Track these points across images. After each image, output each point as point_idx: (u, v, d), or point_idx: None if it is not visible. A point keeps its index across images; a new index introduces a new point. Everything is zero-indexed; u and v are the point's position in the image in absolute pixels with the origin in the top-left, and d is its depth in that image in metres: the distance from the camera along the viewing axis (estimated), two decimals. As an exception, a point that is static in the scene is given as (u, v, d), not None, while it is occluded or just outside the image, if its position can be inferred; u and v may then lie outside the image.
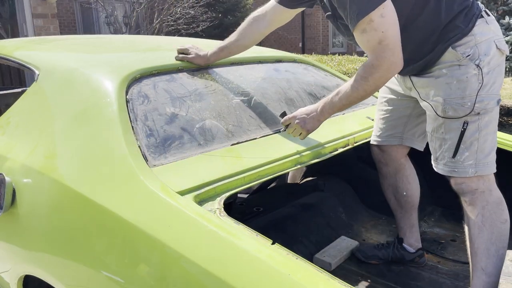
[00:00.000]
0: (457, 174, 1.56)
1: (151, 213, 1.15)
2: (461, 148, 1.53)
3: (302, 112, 1.60)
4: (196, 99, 1.64)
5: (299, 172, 2.71)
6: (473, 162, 1.54)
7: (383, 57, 1.41)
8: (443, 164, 1.60)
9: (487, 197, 1.55)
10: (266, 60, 2.20)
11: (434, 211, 2.43)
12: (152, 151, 1.34)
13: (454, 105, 1.51)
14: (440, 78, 1.53)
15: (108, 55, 1.94)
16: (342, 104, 1.54)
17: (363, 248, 2.04)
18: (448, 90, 1.51)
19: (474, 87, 1.49)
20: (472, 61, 1.48)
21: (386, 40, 1.39)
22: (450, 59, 1.50)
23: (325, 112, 1.57)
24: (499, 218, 1.54)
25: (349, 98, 1.52)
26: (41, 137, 1.50)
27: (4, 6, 7.99)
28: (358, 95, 1.50)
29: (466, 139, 1.52)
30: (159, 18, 9.48)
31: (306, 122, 1.58)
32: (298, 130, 1.59)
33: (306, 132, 1.59)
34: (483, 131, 1.53)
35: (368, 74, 1.45)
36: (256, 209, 2.17)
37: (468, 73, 1.48)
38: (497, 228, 1.53)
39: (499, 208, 1.55)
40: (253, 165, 1.41)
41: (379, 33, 1.39)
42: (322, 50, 15.15)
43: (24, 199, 1.42)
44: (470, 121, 1.51)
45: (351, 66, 5.89)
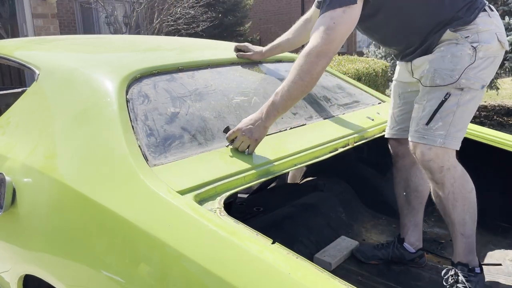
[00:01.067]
0: (426, 141, 1.63)
1: (151, 212, 1.15)
2: (436, 117, 1.61)
3: (246, 122, 1.52)
4: (196, 99, 1.64)
5: (299, 172, 2.71)
6: (444, 133, 1.61)
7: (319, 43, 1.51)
8: (414, 131, 1.67)
9: (453, 173, 1.64)
10: (266, 60, 2.20)
11: (434, 211, 2.43)
12: (153, 150, 1.34)
13: (443, 74, 1.60)
14: (437, 53, 1.64)
15: (108, 55, 1.95)
16: (285, 102, 1.52)
17: (363, 249, 2.04)
18: (441, 62, 1.61)
19: (464, 64, 1.58)
20: (468, 42, 1.58)
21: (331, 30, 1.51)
22: (448, 38, 1.62)
23: (271, 115, 1.52)
24: (466, 189, 1.67)
25: (290, 93, 1.52)
26: (41, 137, 1.50)
27: (4, 6, 7.99)
28: (298, 88, 1.52)
29: (443, 109, 1.60)
30: (159, 18, 9.48)
31: (252, 132, 1.49)
32: (246, 141, 1.49)
33: (255, 141, 1.51)
34: (461, 107, 1.60)
35: (302, 60, 1.52)
36: (256, 209, 2.17)
37: (463, 50, 1.59)
38: (467, 199, 1.67)
39: (464, 180, 1.67)
40: (253, 164, 1.41)
41: (330, 22, 1.51)
42: (322, 50, 15.12)
43: (24, 199, 1.42)
44: (452, 93, 1.59)
45: (351, 66, 5.89)
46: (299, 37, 2.06)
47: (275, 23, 16.85)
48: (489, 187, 1.98)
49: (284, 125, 1.77)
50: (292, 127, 1.78)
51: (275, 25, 16.87)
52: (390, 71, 7.13)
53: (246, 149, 1.50)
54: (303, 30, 2.03)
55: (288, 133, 1.72)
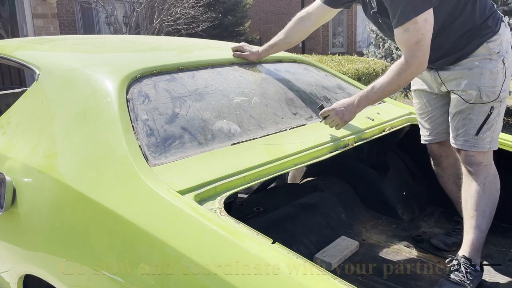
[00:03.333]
0: (477, 149, 1.82)
1: (151, 212, 1.15)
2: (484, 128, 1.80)
3: (340, 105, 1.79)
4: (197, 99, 1.64)
5: (299, 172, 2.71)
6: (490, 140, 1.82)
7: (417, 56, 1.65)
8: (464, 140, 1.84)
9: (489, 169, 1.83)
10: (266, 60, 2.20)
11: (434, 211, 2.43)
12: (153, 150, 1.34)
13: (488, 92, 1.76)
14: (474, 69, 1.76)
15: (108, 55, 1.95)
16: (377, 97, 1.77)
17: (442, 238, 2.11)
18: (482, 79, 1.75)
19: (500, 78, 1.76)
20: (500, 57, 1.75)
21: (422, 41, 1.63)
22: (483, 53, 1.75)
23: (361, 105, 1.79)
24: (495, 187, 1.84)
25: (383, 92, 1.75)
26: (41, 137, 1.50)
27: (4, 6, 7.98)
28: (392, 89, 1.74)
29: (489, 120, 1.80)
30: (159, 18, 9.48)
31: (344, 113, 1.77)
32: (336, 121, 1.78)
33: (344, 123, 1.79)
34: (500, 115, 1.82)
35: (402, 70, 1.68)
36: (256, 209, 2.17)
37: (498, 66, 1.75)
38: (493, 195, 1.83)
39: (496, 179, 1.84)
40: (253, 164, 1.41)
41: (419, 35, 1.62)
42: (322, 50, 15.15)
43: (24, 199, 1.42)
44: (495, 106, 1.78)
45: (351, 66, 5.88)
46: (295, 36, 2.08)
47: (275, 23, 16.85)
48: None
49: (284, 125, 1.77)
50: (292, 127, 1.78)
51: (275, 25, 16.86)
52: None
53: (334, 127, 1.79)
54: (300, 28, 2.06)
55: (288, 133, 1.72)
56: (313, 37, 15.74)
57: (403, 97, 7.30)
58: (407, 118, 2.25)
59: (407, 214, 2.36)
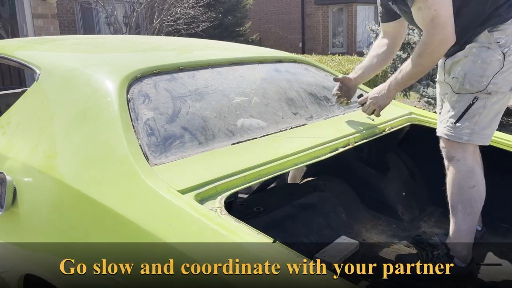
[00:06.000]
0: (453, 138, 1.76)
1: (152, 211, 1.15)
2: (464, 118, 1.72)
3: (374, 92, 1.91)
4: (197, 99, 1.65)
5: (299, 172, 2.71)
6: (469, 132, 1.72)
7: (434, 33, 1.60)
8: (444, 127, 1.79)
9: (460, 166, 1.76)
10: (267, 60, 2.20)
11: (434, 211, 2.43)
12: (153, 150, 1.34)
13: (473, 81, 1.67)
14: (469, 57, 1.69)
15: (108, 55, 1.95)
16: (405, 80, 1.78)
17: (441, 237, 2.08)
18: (472, 66, 1.68)
19: (494, 70, 1.65)
20: (500, 48, 1.64)
21: (437, 18, 1.57)
22: (483, 40, 1.66)
23: (392, 89, 1.85)
24: (467, 184, 1.76)
25: (409, 74, 1.74)
26: (42, 136, 1.50)
27: (4, 6, 7.98)
28: (417, 71, 1.73)
29: (470, 111, 1.71)
30: (159, 18, 9.48)
31: (378, 99, 1.88)
32: (372, 106, 1.91)
33: (379, 108, 1.90)
34: (487, 109, 1.70)
35: (422, 50, 1.66)
36: (257, 209, 2.17)
37: (493, 56, 1.65)
38: (464, 192, 1.77)
39: (468, 176, 1.77)
40: (253, 164, 1.42)
41: (432, 11, 1.57)
42: (322, 50, 15.15)
43: (25, 198, 1.42)
44: (480, 98, 1.68)
45: (351, 66, 5.89)
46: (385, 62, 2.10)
47: (275, 23, 16.86)
48: (489, 187, 1.98)
49: (284, 125, 1.77)
50: (292, 127, 1.78)
51: (275, 25, 16.88)
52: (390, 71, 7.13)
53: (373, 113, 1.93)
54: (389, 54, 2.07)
55: (288, 133, 1.72)
56: (313, 37, 15.75)
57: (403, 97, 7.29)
58: (407, 118, 2.25)
59: (407, 214, 2.36)
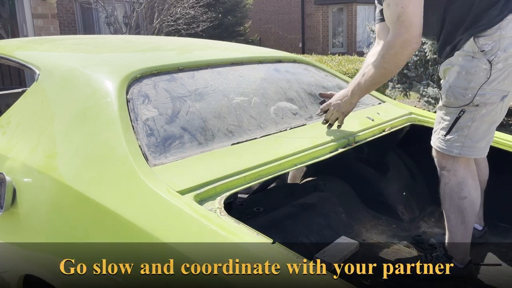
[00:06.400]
0: (443, 150, 1.72)
1: (151, 212, 1.15)
2: (452, 131, 1.67)
3: (336, 98, 1.79)
4: (197, 99, 1.64)
5: (299, 172, 2.71)
6: (460, 145, 1.67)
7: (398, 33, 1.52)
8: (436, 139, 1.75)
9: (451, 176, 1.73)
10: (266, 60, 2.20)
11: (434, 211, 2.43)
12: (153, 150, 1.34)
13: (457, 94, 1.61)
14: (455, 66, 1.62)
15: (108, 55, 1.95)
16: (368, 84, 1.69)
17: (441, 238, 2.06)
18: (456, 79, 1.61)
19: (480, 80, 1.56)
20: (485, 56, 1.54)
21: (403, 16, 1.49)
22: (468, 49, 1.57)
23: (355, 94, 1.74)
24: (457, 195, 1.73)
25: (372, 78, 1.66)
26: (41, 137, 1.50)
27: (4, 6, 7.98)
28: (380, 74, 1.64)
29: (458, 125, 1.65)
30: (159, 18, 9.48)
31: (340, 106, 1.76)
32: (335, 114, 1.77)
33: (342, 114, 1.77)
34: (477, 121, 1.63)
35: (385, 51, 1.58)
36: (256, 209, 2.17)
37: (478, 66, 1.55)
38: (454, 202, 1.74)
39: (459, 187, 1.72)
40: (253, 164, 1.41)
41: (398, 8, 1.49)
42: (322, 50, 15.15)
43: (24, 199, 1.42)
44: (466, 110, 1.62)
45: (351, 66, 5.89)
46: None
47: (275, 23, 16.86)
48: (489, 187, 1.98)
49: (284, 125, 1.77)
50: (292, 127, 1.78)
51: (275, 25, 16.88)
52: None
53: (336, 121, 1.79)
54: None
55: (288, 133, 1.72)
56: (313, 37, 15.75)
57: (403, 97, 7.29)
58: (407, 118, 2.25)
59: (407, 214, 2.35)
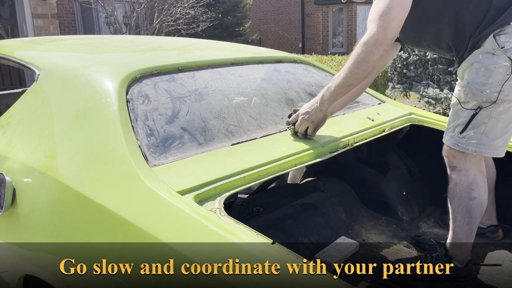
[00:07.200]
0: (459, 148, 1.68)
1: (151, 212, 1.15)
2: (469, 128, 1.64)
3: (305, 107, 1.69)
4: (196, 99, 1.64)
5: (299, 172, 2.71)
6: (476, 142, 1.65)
7: (374, 32, 1.50)
8: (450, 136, 1.72)
9: (462, 176, 1.71)
10: (266, 60, 2.20)
11: (434, 211, 2.43)
12: (153, 150, 1.34)
13: (474, 90, 1.59)
14: (474, 63, 1.60)
15: (108, 55, 1.95)
16: (339, 87, 1.61)
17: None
18: (474, 75, 1.59)
19: (500, 77, 1.55)
20: (505, 53, 1.53)
21: (385, 15, 1.48)
22: (488, 46, 1.56)
23: (325, 100, 1.65)
24: (467, 195, 1.71)
25: (344, 79, 1.58)
26: (41, 137, 1.50)
27: (4, 6, 7.99)
28: (352, 73, 1.56)
29: (475, 121, 1.62)
30: (159, 18, 9.49)
31: (309, 115, 1.65)
32: (304, 124, 1.66)
33: (311, 123, 1.65)
34: (494, 118, 1.60)
35: (359, 50, 1.53)
36: (256, 209, 2.17)
37: (498, 63, 1.54)
38: (463, 202, 1.71)
39: (469, 188, 1.70)
40: (253, 165, 1.41)
41: (384, 7, 1.49)
42: (322, 50, 15.16)
43: (24, 199, 1.42)
44: (483, 107, 1.59)
45: (351, 66, 5.88)
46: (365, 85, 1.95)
47: (275, 23, 16.86)
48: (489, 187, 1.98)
49: (284, 126, 1.77)
50: (292, 127, 1.77)
51: (275, 25, 16.88)
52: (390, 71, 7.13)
53: (305, 131, 1.66)
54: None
55: (288, 133, 1.72)
56: (313, 37, 15.75)
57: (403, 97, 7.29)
58: (407, 118, 2.25)
59: (407, 214, 2.36)
